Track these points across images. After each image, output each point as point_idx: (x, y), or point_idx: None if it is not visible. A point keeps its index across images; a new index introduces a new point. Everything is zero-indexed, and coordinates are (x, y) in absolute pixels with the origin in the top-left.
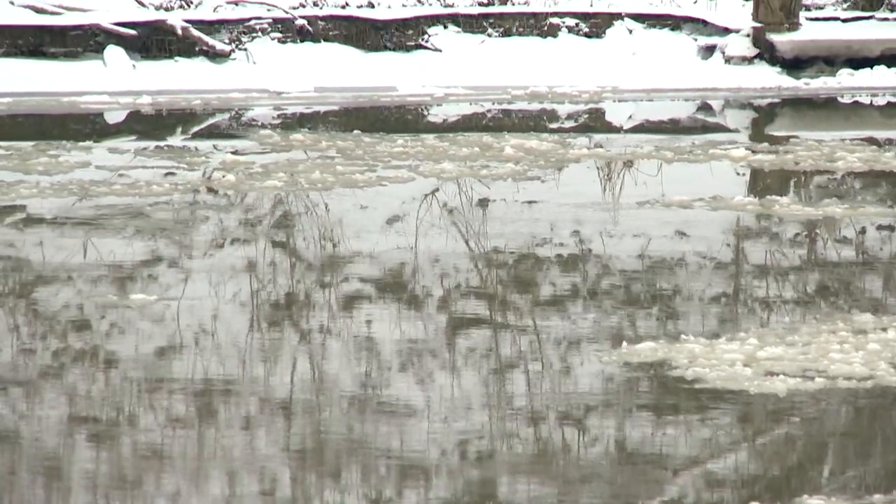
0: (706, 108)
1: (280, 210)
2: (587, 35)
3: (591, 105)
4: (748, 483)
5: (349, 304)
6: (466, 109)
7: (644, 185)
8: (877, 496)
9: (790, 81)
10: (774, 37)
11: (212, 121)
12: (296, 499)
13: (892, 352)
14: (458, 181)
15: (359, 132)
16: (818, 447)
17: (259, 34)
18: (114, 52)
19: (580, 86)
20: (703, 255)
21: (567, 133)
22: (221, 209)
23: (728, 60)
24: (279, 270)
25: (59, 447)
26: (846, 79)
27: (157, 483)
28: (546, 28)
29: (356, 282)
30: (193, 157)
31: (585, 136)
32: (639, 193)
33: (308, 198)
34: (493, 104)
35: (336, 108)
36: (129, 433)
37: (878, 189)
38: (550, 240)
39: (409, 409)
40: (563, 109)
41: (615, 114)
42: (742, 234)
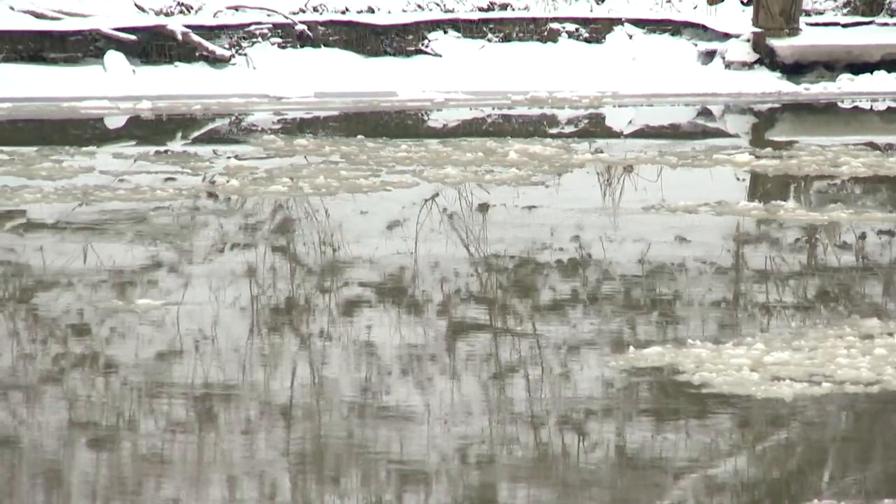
0: (706, 114)
1: (285, 215)
2: (587, 40)
3: (592, 110)
4: (756, 488)
5: (361, 309)
6: (467, 114)
7: (648, 190)
8: (886, 501)
9: (790, 86)
10: (774, 42)
11: (212, 126)
12: None
13: None
14: (462, 186)
15: (362, 137)
16: (825, 452)
17: (259, 39)
18: (114, 58)
19: (580, 91)
20: (709, 260)
21: (569, 138)
22: (225, 214)
23: (728, 65)
24: (286, 276)
25: (75, 451)
26: (846, 84)
27: (164, 487)
28: (546, 33)
29: (366, 287)
30: (197, 163)
31: (588, 142)
32: (643, 198)
33: (312, 203)
34: (494, 109)
35: (336, 114)
36: (143, 437)
37: (883, 194)
38: (556, 245)
39: (429, 417)
40: (564, 114)
41: (616, 119)
42: (747, 240)
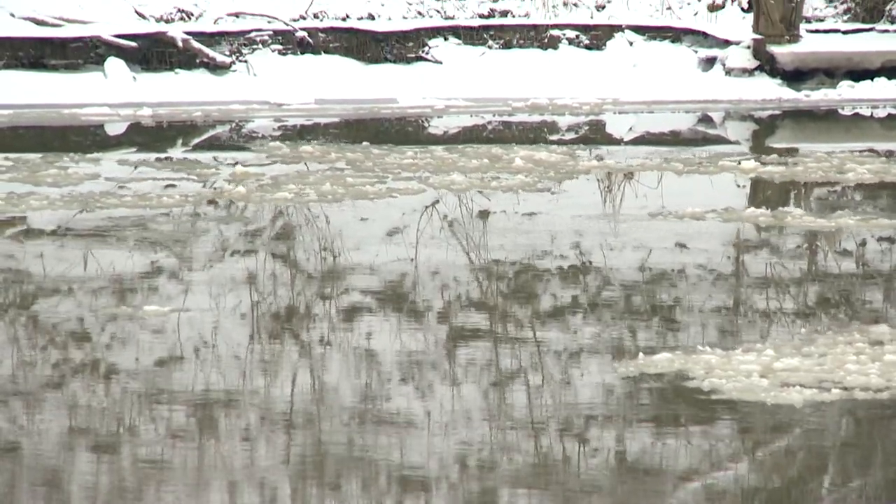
0: (707, 120)
1: (291, 222)
2: (588, 47)
3: (592, 117)
4: (766, 493)
5: (384, 315)
6: (468, 121)
7: (655, 197)
8: None
9: (791, 93)
10: (775, 49)
11: (213, 133)
12: None
13: None
14: (469, 193)
15: (367, 144)
16: (835, 458)
17: (259, 46)
18: (114, 64)
19: (581, 98)
20: (718, 267)
21: (574, 145)
22: (232, 221)
23: (728, 72)
24: (295, 282)
25: (95, 454)
26: (846, 91)
27: (181, 491)
28: (546, 40)
29: (381, 292)
30: (203, 169)
31: (593, 148)
32: (650, 205)
33: (319, 210)
34: (494, 116)
35: (337, 120)
36: (158, 441)
37: (890, 200)
38: (565, 252)
39: (442, 426)
40: (564, 121)
41: (617, 126)
42: (755, 247)
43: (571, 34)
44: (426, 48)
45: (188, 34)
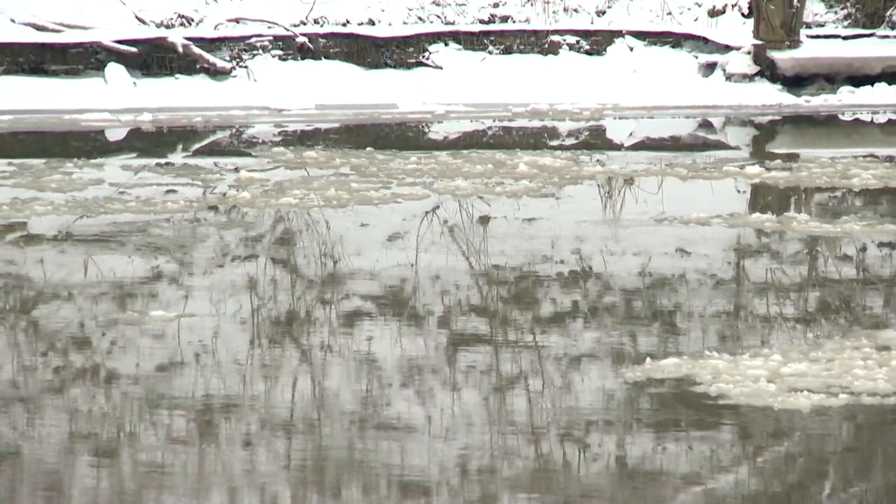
0: (708, 126)
1: (298, 227)
2: (588, 52)
3: (593, 122)
4: (776, 499)
5: (393, 321)
6: (468, 126)
7: (660, 202)
8: None
9: (791, 99)
10: (775, 54)
11: (215, 138)
12: None
13: None
14: (473, 198)
15: (371, 149)
16: (843, 463)
17: (260, 52)
18: (115, 70)
19: (581, 103)
20: (724, 273)
21: (578, 150)
22: (238, 226)
23: (729, 78)
24: (303, 288)
25: (113, 460)
26: (847, 96)
27: (185, 497)
28: (547, 45)
29: (388, 299)
30: (207, 175)
31: (597, 154)
32: (655, 210)
33: (325, 215)
34: (495, 121)
35: (337, 126)
36: (172, 445)
37: (895, 206)
38: (571, 257)
39: (452, 433)
40: (565, 127)
41: (617, 131)
42: (761, 252)
43: (572, 39)
44: (426, 53)
45: (188, 40)
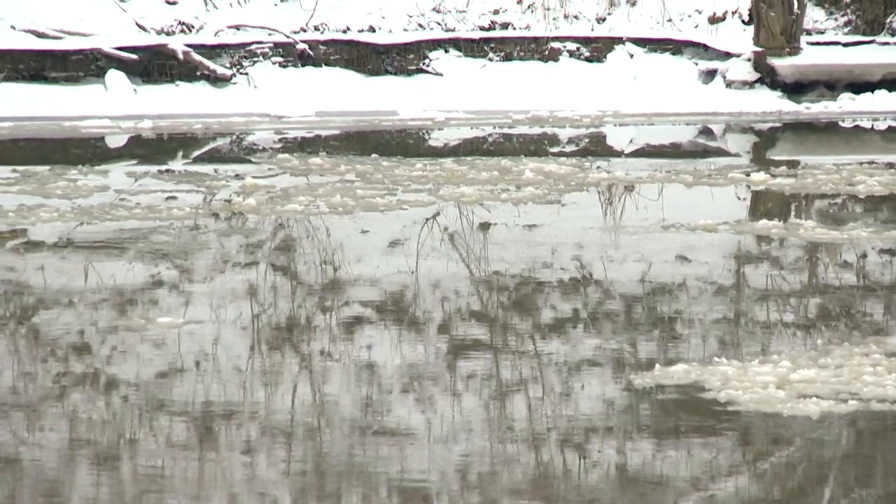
0: (708, 133)
1: (304, 234)
2: (588, 59)
3: (593, 129)
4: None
5: (415, 326)
6: (469, 133)
7: (666, 209)
8: None
9: (791, 106)
10: (775, 61)
11: (216, 145)
12: None
13: None
14: (479, 205)
15: (376, 156)
16: (852, 470)
17: (260, 58)
18: (115, 77)
19: (581, 110)
20: (732, 279)
21: (578, 157)
22: (245, 233)
23: (729, 85)
24: (312, 294)
25: (132, 461)
26: (847, 103)
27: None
28: (547, 52)
29: (404, 305)
30: (212, 181)
31: (597, 161)
32: (662, 217)
33: (330, 221)
34: (495, 128)
35: (337, 133)
36: (181, 451)
37: None
38: (577, 264)
39: (468, 441)
40: (565, 133)
41: (617, 138)
42: (769, 258)
43: (572, 46)
44: (427, 60)
45: (189, 46)
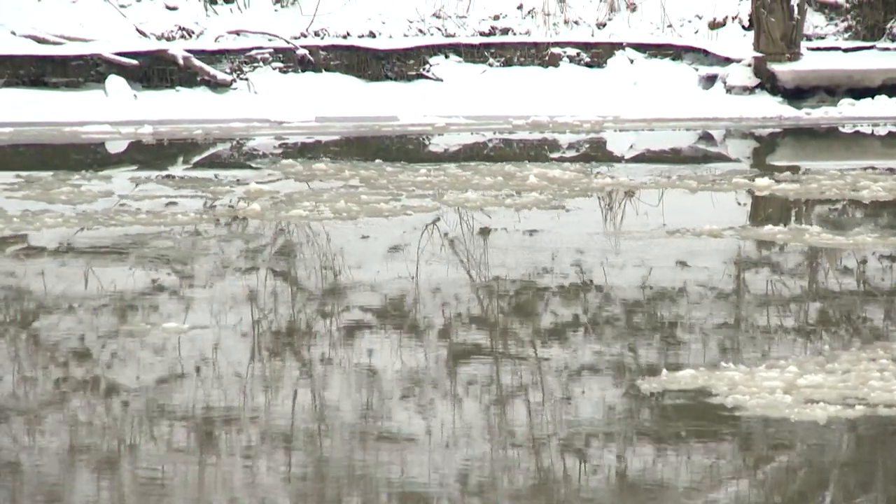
0: (708, 138)
1: (309, 239)
2: (588, 65)
3: (593, 134)
4: None
5: (427, 331)
6: (469, 139)
7: (671, 214)
8: None
9: (791, 111)
10: (776, 67)
11: (216, 150)
12: None
13: None
14: (483, 210)
15: (380, 161)
16: (860, 475)
17: (260, 64)
18: (115, 82)
19: (581, 115)
20: (738, 284)
21: (582, 162)
22: (250, 238)
23: (729, 90)
24: (319, 299)
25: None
26: (847, 109)
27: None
28: (547, 58)
29: (407, 310)
30: (217, 187)
31: (599, 166)
32: (667, 222)
33: (336, 227)
34: (495, 133)
35: (337, 138)
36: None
37: None
38: (583, 269)
39: (478, 447)
40: (565, 139)
41: (618, 143)
42: (775, 263)
43: (572, 52)
44: (427, 66)
45: (189, 52)
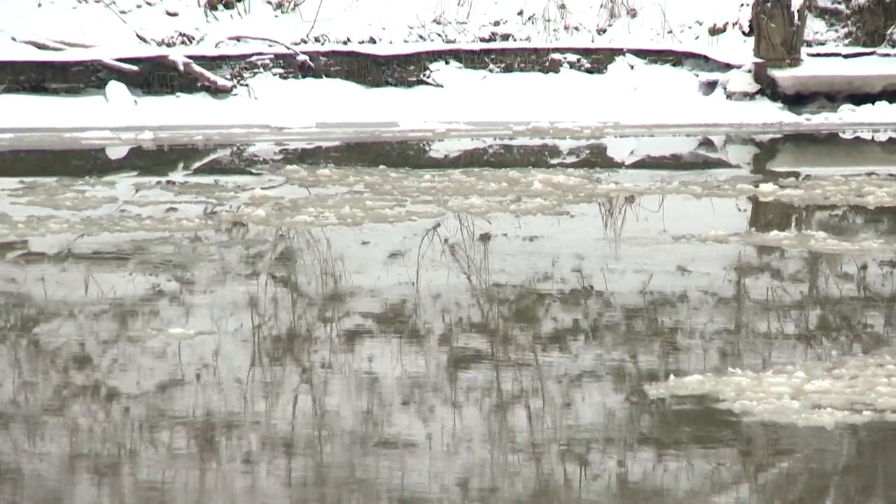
0: (709, 144)
1: (315, 245)
2: (589, 71)
3: (593, 140)
4: None
5: (437, 337)
6: (469, 144)
7: (676, 220)
8: None
9: (792, 117)
10: (776, 72)
11: (217, 156)
12: None
13: None
14: (488, 216)
15: (385, 167)
16: (868, 480)
17: (261, 70)
18: (115, 88)
19: (582, 121)
20: (745, 290)
21: (587, 168)
22: (254, 244)
23: (729, 96)
24: (326, 305)
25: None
26: (847, 115)
27: None
28: (548, 64)
29: (414, 315)
30: (221, 193)
31: (605, 171)
32: (673, 228)
33: (341, 233)
34: (495, 139)
35: (338, 144)
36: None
37: None
38: (589, 275)
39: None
40: (566, 145)
41: (618, 149)
42: (782, 269)
43: (573, 58)
44: (427, 72)
45: (189, 58)
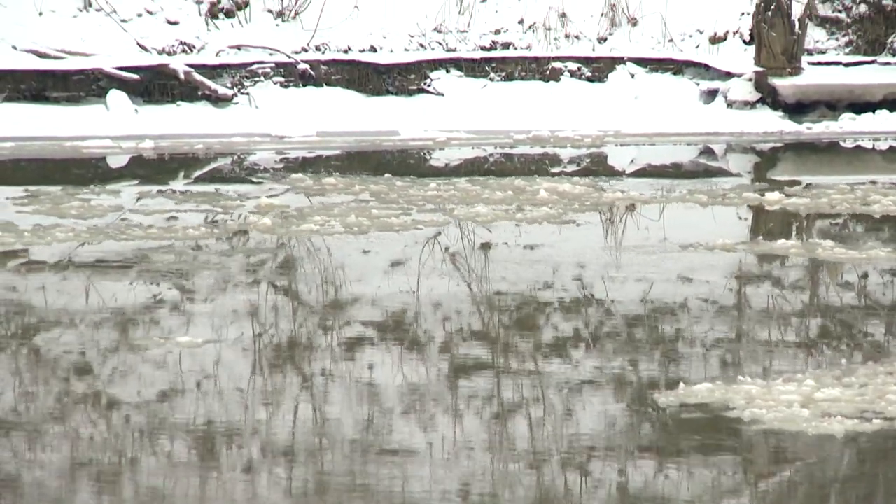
0: (710, 153)
1: (321, 253)
2: (589, 79)
3: (594, 149)
4: None
5: (445, 344)
6: (470, 153)
7: (683, 229)
8: None
9: (792, 126)
10: (776, 81)
11: (218, 165)
12: None
13: None
14: (494, 224)
15: (390, 176)
16: (878, 488)
17: (261, 78)
18: (116, 97)
19: (582, 130)
20: (753, 298)
21: (593, 177)
22: (261, 252)
23: (730, 105)
24: (332, 313)
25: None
26: (848, 123)
27: None
28: (548, 72)
29: (419, 323)
30: (227, 201)
31: (610, 180)
32: (680, 237)
33: (347, 241)
34: (496, 148)
35: (338, 153)
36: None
37: None
38: (597, 283)
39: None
40: (566, 153)
41: (619, 158)
42: (790, 278)
43: (573, 66)
44: (428, 80)
45: (190, 66)
